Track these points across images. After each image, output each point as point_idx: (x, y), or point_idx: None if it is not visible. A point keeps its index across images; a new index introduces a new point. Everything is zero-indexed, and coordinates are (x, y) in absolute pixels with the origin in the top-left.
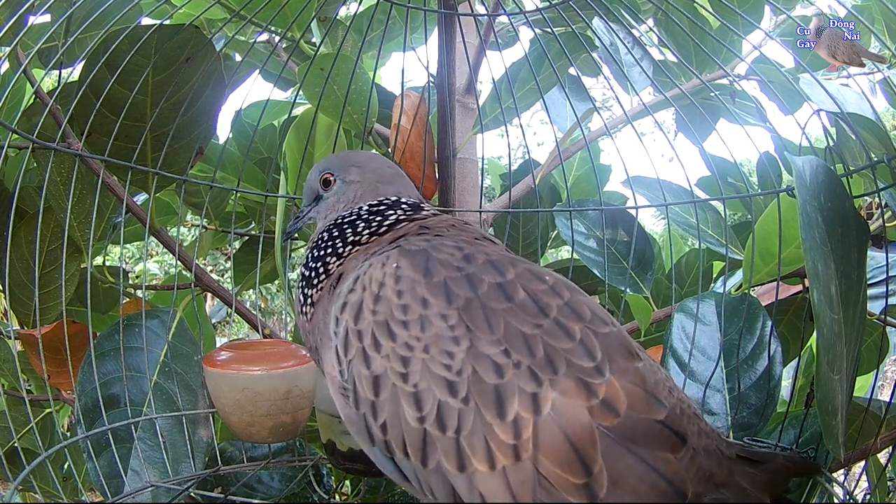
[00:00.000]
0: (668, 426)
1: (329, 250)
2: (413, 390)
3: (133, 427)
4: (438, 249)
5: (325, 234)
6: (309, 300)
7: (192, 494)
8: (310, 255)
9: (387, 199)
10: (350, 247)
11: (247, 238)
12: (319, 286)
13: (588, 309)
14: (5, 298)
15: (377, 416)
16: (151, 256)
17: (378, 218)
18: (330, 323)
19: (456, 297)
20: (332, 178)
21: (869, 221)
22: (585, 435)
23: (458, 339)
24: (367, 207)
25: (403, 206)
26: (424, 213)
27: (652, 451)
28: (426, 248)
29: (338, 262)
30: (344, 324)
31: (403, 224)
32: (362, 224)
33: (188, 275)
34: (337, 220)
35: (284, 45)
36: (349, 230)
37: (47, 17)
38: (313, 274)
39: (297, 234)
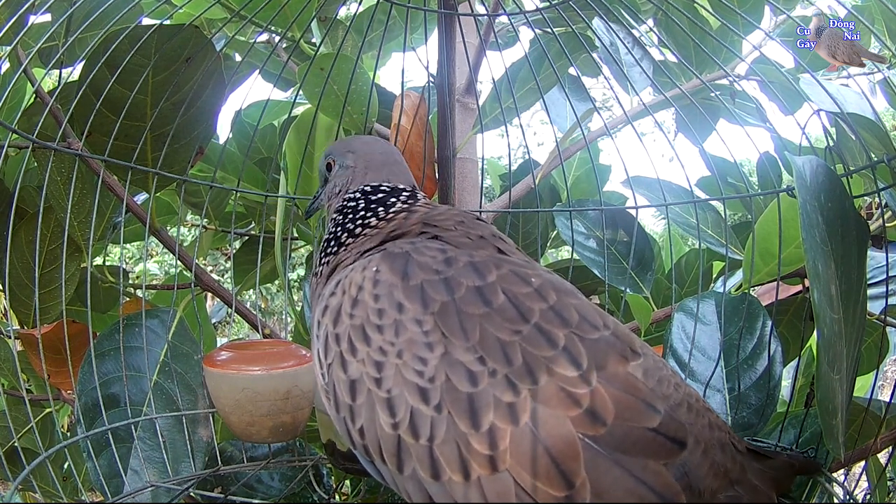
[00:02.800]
0: (663, 433)
1: (340, 229)
2: (387, 396)
3: (133, 427)
4: (420, 252)
5: (339, 215)
6: (323, 267)
7: (192, 494)
8: (330, 227)
9: (371, 185)
10: (361, 228)
11: (247, 238)
12: (333, 255)
13: (576, 312)
14: (5, 298)
15: (355, 420)
16: (151, 256)
17: (371, 208)
18: (314, 325)
19: (432, 301)
20: (332, 163)
21: (869, 221)
22: (566, 447)
23: (432, 345)
24: (360, 193)
25: (402, 195)
26: (420, 204)
27: (643, 462)
28: (409, 251)
29: (350, 240)
30: (324, 327)
31: (404, 214)
32: (370, 213)
33: (188, 275)
34: (338, 207)
35: (284, 45)
36: (350, 218)
37: (47, 17)
38: (329, 244)
39: (295, 234)
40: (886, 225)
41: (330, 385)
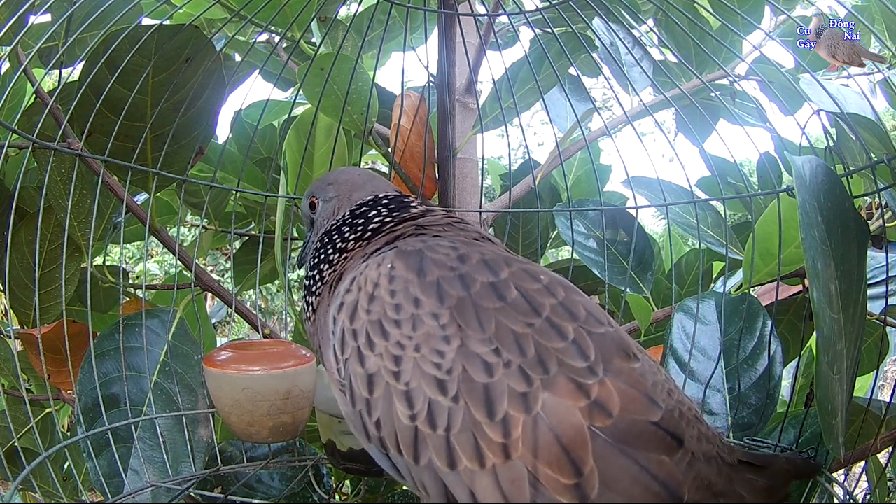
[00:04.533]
0: (664, 428)
1: (322, 257)
2: (405, 388)
3: (133, 427)
4: (434, 250)
5: (318, 243)
6: (311, 307)
7: (192, 494)
8: (308, 266)
9: (363, 200)
10: (338, 254)
11: (247, 238)
12: (318, 292)
13: (583, 308)
14: (5, 298)
15: (371, 413)
16: (151, 256)
17: (361, 220)
18: (328, 323)
19: (448, 296)
20: (315, 201)
21: (869, 221)
22: (576, 435)
23: (449, 338)
24: (348, 214)
25: (383, 201)
26: (413, 209)
27: (646, 453)
28: (422, 249)
29: (330, 270)
30: (341, 323)
31: (393, 223)
32: (347, 229)
33: (188, 275)
34: (324, 232)
35: (284, 45)
36: (337, 237)
37: (47, 17)
38: (311, 283)
39: (295, 234)
40: (886, 225)
41: (346, 380)
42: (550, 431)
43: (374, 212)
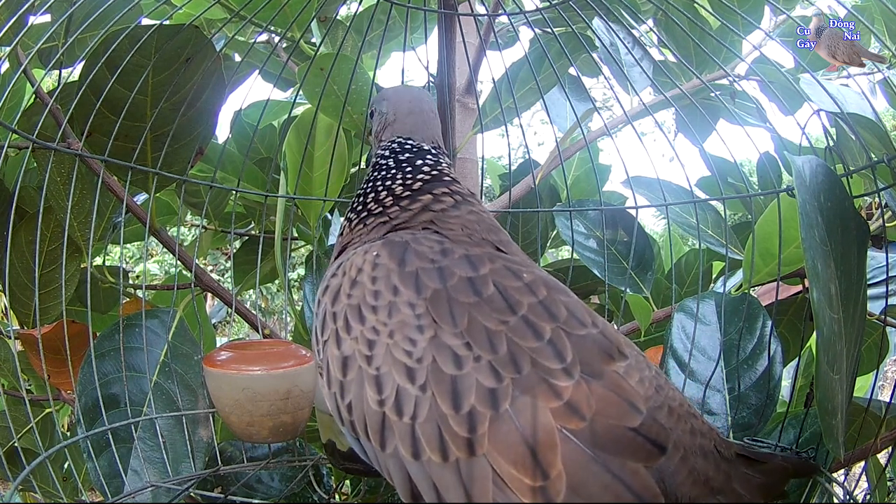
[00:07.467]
0: (643, 434)
1: (372, 196)
2: (375, 373)
3: (133, 427)
4: (419, 242)
5: (372, 171)
6: (349, 225)
7: (192, 494)
8: (358, 189)
9: (398, 140)
10: (381, 207)
11: (247, 238)
12: (354, 226)
13: (565, 309)
14: (5, 298)
15: (344, 396)
16: (151, 256)
17: (401, 167)
18: (314, 304)
19: (425, 287)
20: (373, 111)
21: (869, 221)
22: (544, 437)
23: (423, 328)
24: (389, 153)
25: (427, 158)
26: (444, 187)
27: (621, 460)
28: (408, 241)
29: (371, 219)
30: (323, 305)
31: (418, 206)
32: (395, 186)
33: (188, 275)
34: (373, 163)
35: (284, 45)
36: (382, 189)
37: (47, 17)
38: (357, 205)
39: (295, 234)
40: (886, 225)
41: (324, 361)
42: (518, 431)
43: (415, 166)
